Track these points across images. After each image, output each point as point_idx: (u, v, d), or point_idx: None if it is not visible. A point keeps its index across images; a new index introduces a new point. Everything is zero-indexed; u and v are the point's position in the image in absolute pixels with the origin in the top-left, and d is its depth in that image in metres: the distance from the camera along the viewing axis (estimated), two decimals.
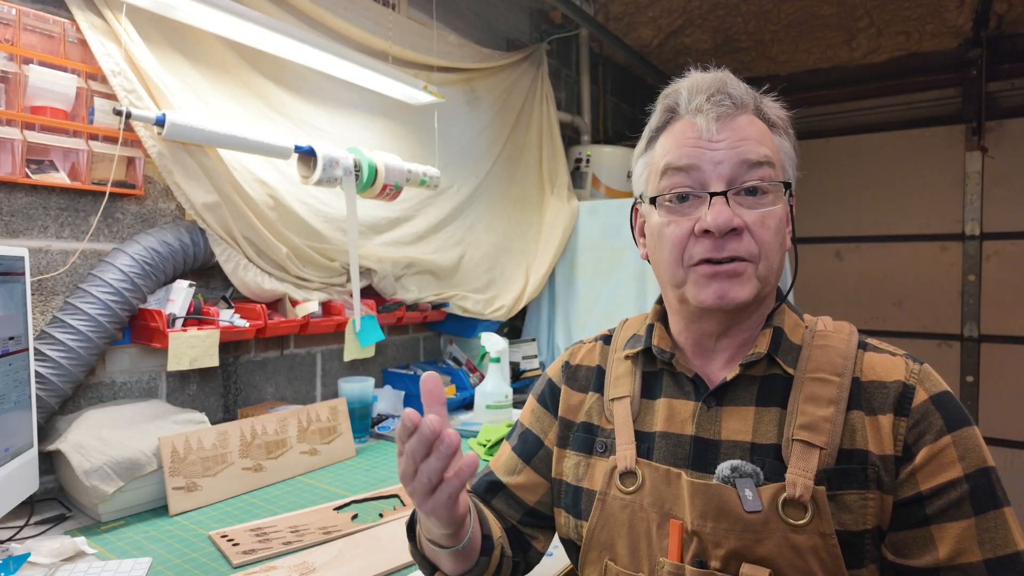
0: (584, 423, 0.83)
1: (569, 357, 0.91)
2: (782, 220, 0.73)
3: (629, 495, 0.73)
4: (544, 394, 0.91)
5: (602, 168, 2.88)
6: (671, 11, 3.09)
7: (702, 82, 0.75)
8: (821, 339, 0.74)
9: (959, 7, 2.94)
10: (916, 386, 0.68)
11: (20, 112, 1.23)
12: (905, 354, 0.73)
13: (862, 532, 0.65)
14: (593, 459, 0.80)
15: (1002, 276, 3.30)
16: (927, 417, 0.66)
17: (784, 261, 0.76)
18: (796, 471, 0.65)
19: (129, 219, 1.46)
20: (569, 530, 0.81)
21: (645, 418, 0.77)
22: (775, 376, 0.73)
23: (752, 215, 0.71)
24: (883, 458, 0.66)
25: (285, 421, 1.51)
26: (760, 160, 0.71)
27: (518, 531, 0.88)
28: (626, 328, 0.88)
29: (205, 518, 1.24)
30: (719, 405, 0.73)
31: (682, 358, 0.78)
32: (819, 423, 0.67)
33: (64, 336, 1.27)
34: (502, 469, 0.90)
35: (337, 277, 1.83)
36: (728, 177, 0.71)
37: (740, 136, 0.72)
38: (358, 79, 1.84)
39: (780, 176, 0.74)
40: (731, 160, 0.71)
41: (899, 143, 3.53)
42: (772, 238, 0.71)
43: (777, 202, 0.72)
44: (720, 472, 0.68)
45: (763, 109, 0.76)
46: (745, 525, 0.65)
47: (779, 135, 0.76)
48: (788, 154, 0.77)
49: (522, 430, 0.91)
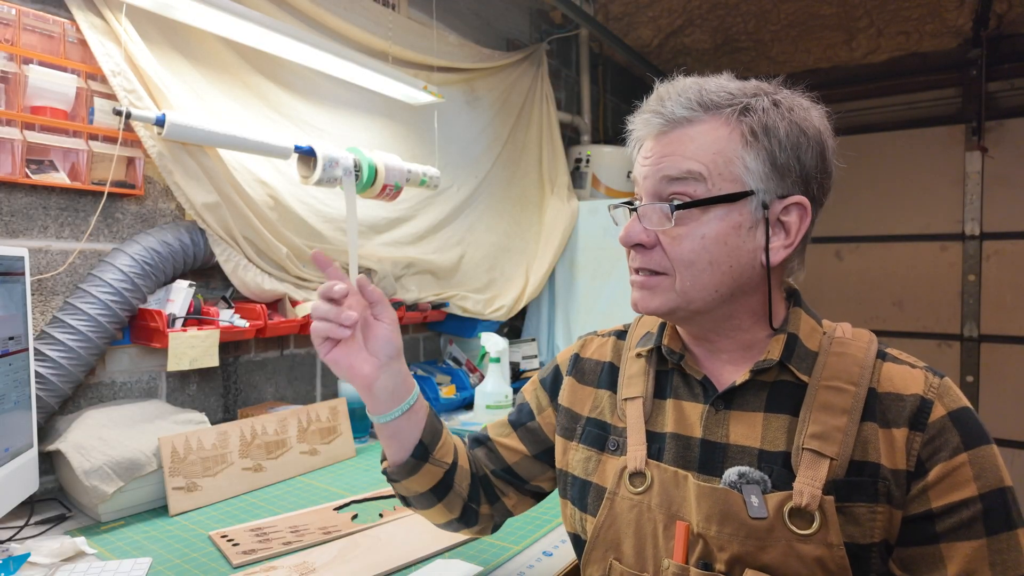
0: (595, 419, 0.84)
1: (580, 349, 0.92)
2: (713, 236, 0.69)
3: (638, 495, 0.73)
4: (548, 378, 0.93)
5: (602, 168, 2.88)
6: (671, 11, 3.09)
7: (649, 99, 0.76)
8: (839, 346, 0.73)
9: (959, 7, 2.94)
10: (935, 401, 0.67)
11: (20, 112, 1.23)
12: (925, 367, 0.71)
13: (869, 545, 0.64)
14: (605, 456, 0.80)
15: (1002, 276, 3.29)
16: (943, 433, 0.65)
17: (744, 275, 0.71)
18: (804, 480, 0.65)
19: (129, 219, 1.46)
20: (575, 523, 0.82)
21: (657, 418, 0.78)
22: (786, 383, 0.72)
23: (665, 232, 0.71)
24: (895, 472, 0.65)
25: (285, 421, 1.51)
26: (679, 176, 0.70)
27: (489, 481, 0.92)
28: (641, 325, 0.88)
29: (205, 518, 1.24)
30: (727, 408, 0.73)
31: (691, 359, 0.78)
32: (831, 432, 0.66)
33: (64, 336, 1.27)
34: (492, 428, 0.96)
35: None
36: (651, 192, 0.73)
37: (665, 152, 0.72)
38: (358, 79, 1.84)
39: (723, 189, 0.69)
40: (653, 176, 0.72)
41: (899, 143, 3.53)
42: (687, 254, 0.70)
43: (705, 217, 0.69)
44: (727, 477, 0.68)
45: (737, 116, 0.70)
46: (749, 531, 0.65)
47: (747, 146, 0.69)
48: (751, 167, 0.69)
49: (521, 402, 0.95)
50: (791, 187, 0.71)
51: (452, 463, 0.86)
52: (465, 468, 0.89)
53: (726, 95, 0.71)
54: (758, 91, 0.72)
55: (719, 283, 0.71)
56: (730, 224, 0.70)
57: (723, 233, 0.70)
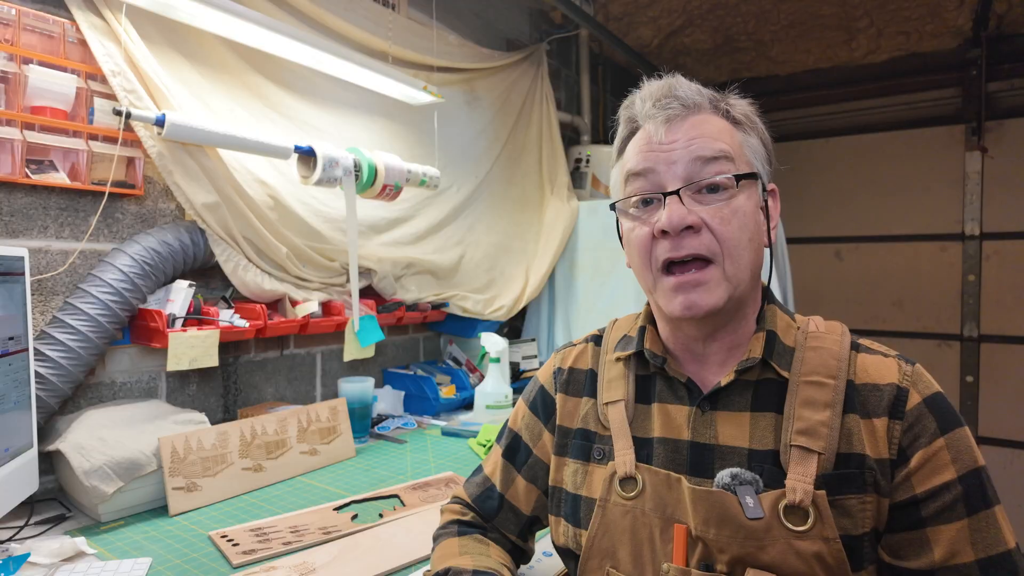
0: (581, 430, 0.82)
1: (560, 362, 0.90)
2: (749, 214, 0.72)
3: (630, 501, 0.73)
4: (536, 402, 0.90)
5: (602, 168, 2.88)
6: (671, 11, 3.09)
7: (652, 89, 0.76)
8: (814, 340, 0.73)
9: (959, 7, 2.94)
10: (910, 389, 0.68)
11: (20, 112, 1.23)
12: (897, 355, 0.73)
13: (861, 536, 0.65)
14: (591, 466, 0.79)
15: (1002, 276, 3.30)
16: (921, 420, 0.67)
17: (761, 257, 0.75)
18: (796, 476, 0.65)
19: (129, 219, 1.46)
20: (568, 539, 0.80)
21: (642, 423, 0.77)
22: (769, 381, 0.72)
23: (710, 211, 0.71)
24: (879, 461, 0.66)
25: (285, 421, 1.51)
26: (714, 155, 0.71)
27: (517, 544, 0.90)
28: (616, 328, 0.88)
29: (205, 518, 1.24)
30: (713, 409, 0.73)
31: (674, 363, 0.78)
32: (816, 428, 0.67)
33: (64, 336, 1.27)
34: (499, 479, 0.90)
35: (337, 277, 1.83)
36: (683, 176, 0.72)
37: (692, 135, 0.72)
38: (358, 79, 1.84)
39: (743, 170, 0.73)
40: (684, 159, 0.72)
41: (899, 143, 3.53)
42: (735, 233, 0.71)
43: (740, 196, 0.72)
44: (720, 479, 0.68)
45: (723, 107, 0.76)
46: (748, 532, 0.65)
47: (744, 131, 0.76)
48: (754, 149, 0.75)
49: (511, 436, 0.91)
50: (771, 173, 0.78)
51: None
52: (508, 559, 0.86)
53: (706, 90, 0.77)
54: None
55: (752, 262, 0.73)
56: (754, 203, 0.74)
57: (751, 211, 0.73)
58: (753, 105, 0.79)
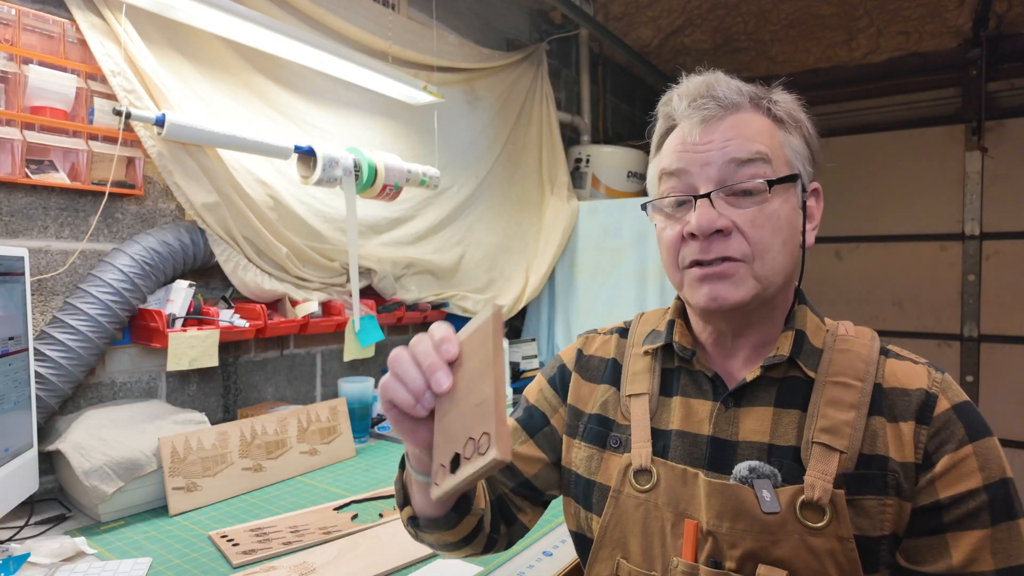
0: (597, 415, 0.82)
1: (583, 346, 0.90)
2: (784, 218, 0.71)
3: (643, 493, 0.73)
4: (555, 377, 0.90)
5: (602, 168, 2.88)
6: (671, 11, 3.09)
7: (690, 87, 0.75)
8: (843, 343, 0.73)
9: (959, 7, 2.94)
10: (939, 395, 0.68)
11: (20, 112, 1.23)
12: (927, 362, 0.72)
13: (879, 538, 0.65)
14: (607, 454, 0.79)
15: (1002, 276, 3.30)
16: (949, 426, 0.66)
17: (795, 259, 0.74)
18: (815, 474, 0.65)
19: (129, 219, 1.46)
20: (580, 521, 0.81)
21: (661, 416, 0.77)
22: (795, 379, 0.72)
23: (743, 215, 0.70)
24: (903, 465, 0.65)
25: (285, 421, 1.51)
26: (750, 157, 0.70)
27: (505, 501, 0.87)
28: (643, 322, 0.87)
29: (205, 518, 1.24)
30: (737, 406, 0.73)
31: (703, 356, 0.78)
32: (840, 427, 0.67)
33: (64, 336, 1.27)
34: None
35: (337, 277, 1.83)
36: (716, 178, 0.70)
37: (728, 136, 0.71)
38: (358, 79, 1.84)
39: (781, 172, 0.72)
40: (718, 161, 0.70)
41: (899, 143, 3.53)
42: (768, 237, 0.70)
43: (775, 200, 0.71)
44: (738, 472, 0.68)
45: (766, 105, 0.74)
46: (763, 526, 0.65)
47: (786, 130, 0.74)
48: (796, 149, 0.73)
49: (527, 405, 0.90)
50: (813, 173, 0.76)
51: (485, 506, 0.81)
52: (489, 501, 0.84)
53: (747, 88, 0.75)
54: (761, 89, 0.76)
55: (785, 266, 0.72)
56: (791, 206, 0.72)
57: (787, 214, 0.72)
58: (800, 101, 0.77)
